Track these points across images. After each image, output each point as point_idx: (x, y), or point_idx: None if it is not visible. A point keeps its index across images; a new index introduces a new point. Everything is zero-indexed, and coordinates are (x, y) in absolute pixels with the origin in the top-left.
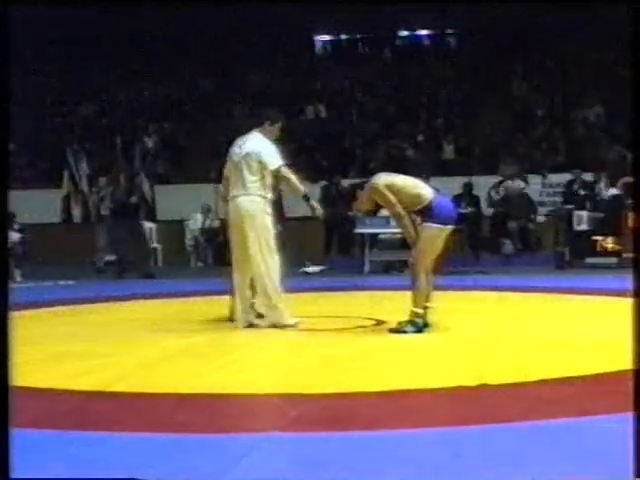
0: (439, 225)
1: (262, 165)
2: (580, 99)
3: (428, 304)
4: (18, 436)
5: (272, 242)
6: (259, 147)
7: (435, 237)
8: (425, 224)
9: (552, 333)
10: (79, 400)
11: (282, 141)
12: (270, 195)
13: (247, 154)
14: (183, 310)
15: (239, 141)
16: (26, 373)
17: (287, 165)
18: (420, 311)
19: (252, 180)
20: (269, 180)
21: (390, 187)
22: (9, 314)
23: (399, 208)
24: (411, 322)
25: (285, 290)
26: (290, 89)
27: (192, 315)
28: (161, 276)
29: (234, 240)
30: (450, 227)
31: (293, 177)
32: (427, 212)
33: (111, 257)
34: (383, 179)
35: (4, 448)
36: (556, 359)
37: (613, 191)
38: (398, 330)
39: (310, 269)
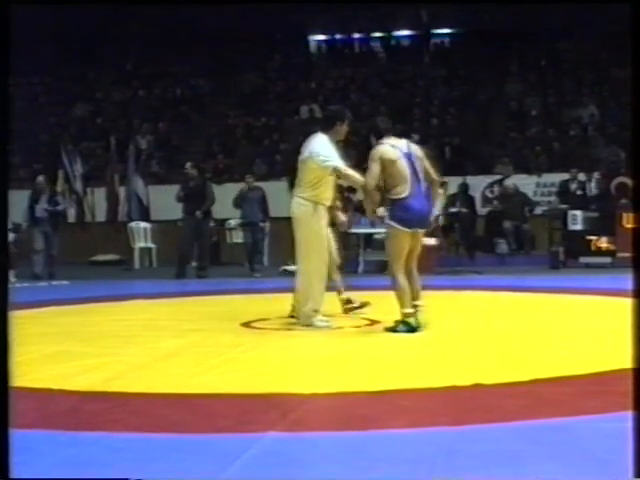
0: (398, 225)
1: (319, 166)
2: (574, 99)
3: (417, 302)
4: (12, 437)
5: (314, 246)
6: (318, 148)
7: (395, 237)
8: (386, 221)
9: (547, 333)
10: (74, 400)
11: (347, 142)
12: (325, 197)
13: (308, 156)
14: (178, 310)
15: (305, 143)
16: (21, 373)
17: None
18: (409, 311)
19: (306, 181)
20: (327, 182)
21: (382, 159)
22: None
23: (371, 181)
24: (403, 322)
25: (277, 289)
26: (285, 89)
27: (187, 315)
28: (156, 276)
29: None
30: (409, 230)
31: (350, 172)
32: (392, 209)
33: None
34: (382, 149)
35: (4, 448)
36: (551, 359)
37: (595, 191)
38: (392, 329)
39: (291, 267)
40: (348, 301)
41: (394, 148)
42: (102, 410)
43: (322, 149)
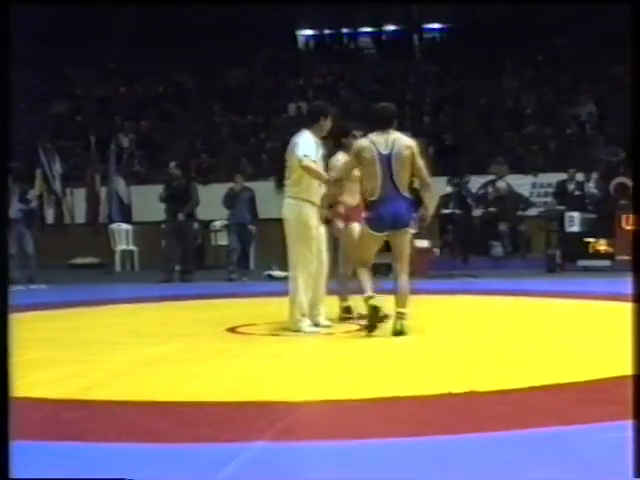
0: (366, 225)
1: (299, 162)
2: (572, 96)
3: (402, 310)
4: None
5: (299, 248)
6: (298, 143)
7: (361, 235)
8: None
9: (543, 338)
10: (51, 409)
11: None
12: (311, 195)
13: (290, 152)
14: (161, 315)
15: (291, 140)
16: None
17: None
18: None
19: (291, 179)
20: (310, 178)
21: (359, 156)
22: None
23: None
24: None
25: (264, 293)
26: (272, 85)
27: (171, 320)
28: (138, 280)
29: None
30: (375, 232)
31: (313, 166)
32: (367, 208)
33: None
34: (360, 145)
35: (4, 448)
36: (548, 365)
37: (593, 191)
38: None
39: (275, 273)
40: (347, 310)
41: (373, 146)
42: (80, 419)
43: (301, 144)
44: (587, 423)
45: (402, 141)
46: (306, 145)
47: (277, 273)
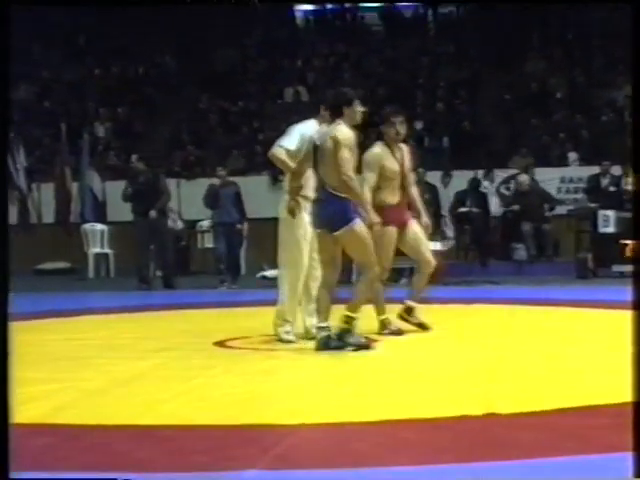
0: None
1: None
2: (606, 79)
3: (348, 313)
4: None
5: (286, 246)
6: (288, 131)
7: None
8: None
9: (572, 354)
10: (15, 435)
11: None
12: (308, 189)
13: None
14: (140, 327)
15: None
16: None
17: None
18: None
19: (287, 175)
20: (301, 170)
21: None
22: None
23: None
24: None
25: (256, 302)
26: (266, 67)
27: (151, 333)
28: (114, 287)
29: None
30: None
31: (278, 155)
32: None
33: None
34: (348, 134)
35: (4, 448)
36: (577, 384)
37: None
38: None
39: (269, 273)
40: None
41: (318, 137)
42: (48, 446)
43: (288, 134)
44: (621, 451)
45: (331, 132)
46: (291, 136)
47: (271, 273)
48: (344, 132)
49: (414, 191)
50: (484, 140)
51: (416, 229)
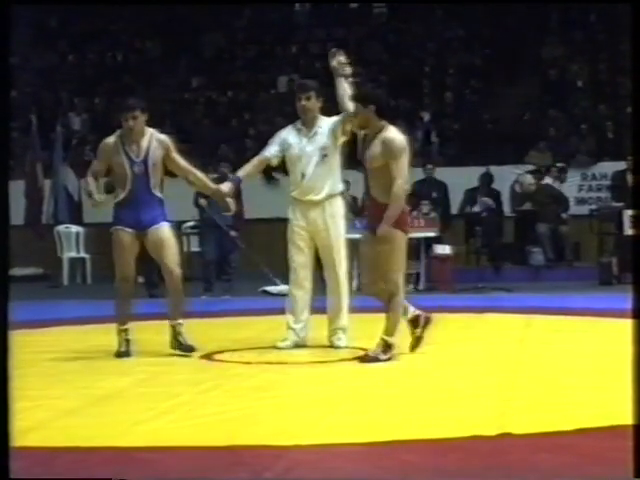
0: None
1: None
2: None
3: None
4: None
5: (290, 256)
6: None
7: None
8: None
9: (594, 368)
10: None
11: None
12: (293, 190)
13: None
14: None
15: None
16: None
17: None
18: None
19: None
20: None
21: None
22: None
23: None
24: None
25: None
26: (257, 54)
27: (132, 345)
28: (91, 295)
29: None
30: None
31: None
32: None
33: None
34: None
35: (4, 449)
36: (599, 402)
37: None
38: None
39: (271, 288)
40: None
41: None
42: (20, 469)
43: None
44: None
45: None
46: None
47: (274, 288)
48: None
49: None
50: (497, 133)
51: None
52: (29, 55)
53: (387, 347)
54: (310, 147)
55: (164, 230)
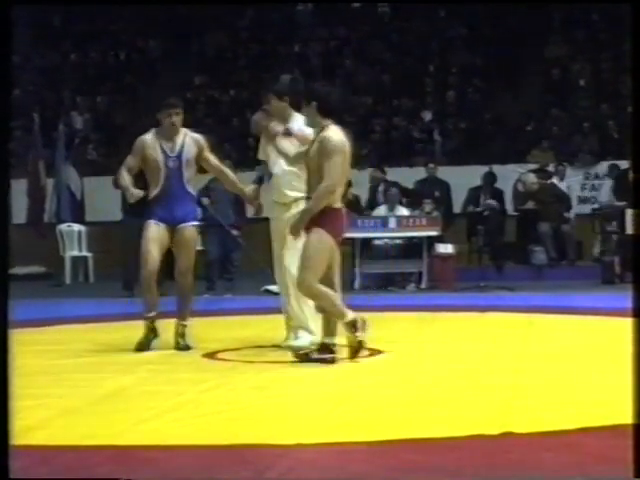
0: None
1: None
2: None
3: None
4: None
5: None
6: None
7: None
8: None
9: (597, 367)
10: None
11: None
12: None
13: None
14: (122, 337)
15: None
16: None
17: None
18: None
19: None
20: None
21: None
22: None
23: None
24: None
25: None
26: (259, 53)
27: (134, 344)
28: (93, 293)
29: None
30: None
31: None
32: None
33: None
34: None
35: (4, 448)
36: (602, 401)
37: None
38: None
39: (273, 287)
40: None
41: None
42: (21, 469)
43: None
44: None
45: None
46: None
47: (274, 288)
48: None
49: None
50: (500, 132)
51: None
52: (32, 54)
53: (325, 347)
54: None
55: (190, 231)
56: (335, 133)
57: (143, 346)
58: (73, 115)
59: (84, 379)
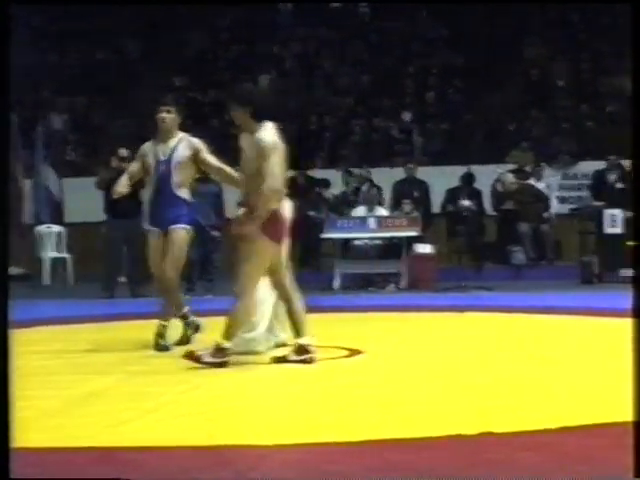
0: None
1: None
2: (614, 65)
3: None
4: None
5: None
6: None
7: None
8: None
9: (576, 367)
10: None
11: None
12: None
13: None
14: (102, 338)
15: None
16: None
17: None
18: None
19: None
20: None
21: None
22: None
23: None
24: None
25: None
26: (239, 53)
27: (115, 345)
28: (72, 295)
29: None
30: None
31: None
32: None
33: None
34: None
35: (4, 448)
36: (581, 401)
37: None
38: None
39: None
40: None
41: None
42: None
43: None
44: (629, 474)
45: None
46: None
47: None
48: None
49: None
50: (479, 133)
51: None
52: (10, 55)
53: (218, 350)
54: None
55: (178, 233)
56: (267, 132)
57: (160, 348)
58: (52, 116)
59: (63, 381)
